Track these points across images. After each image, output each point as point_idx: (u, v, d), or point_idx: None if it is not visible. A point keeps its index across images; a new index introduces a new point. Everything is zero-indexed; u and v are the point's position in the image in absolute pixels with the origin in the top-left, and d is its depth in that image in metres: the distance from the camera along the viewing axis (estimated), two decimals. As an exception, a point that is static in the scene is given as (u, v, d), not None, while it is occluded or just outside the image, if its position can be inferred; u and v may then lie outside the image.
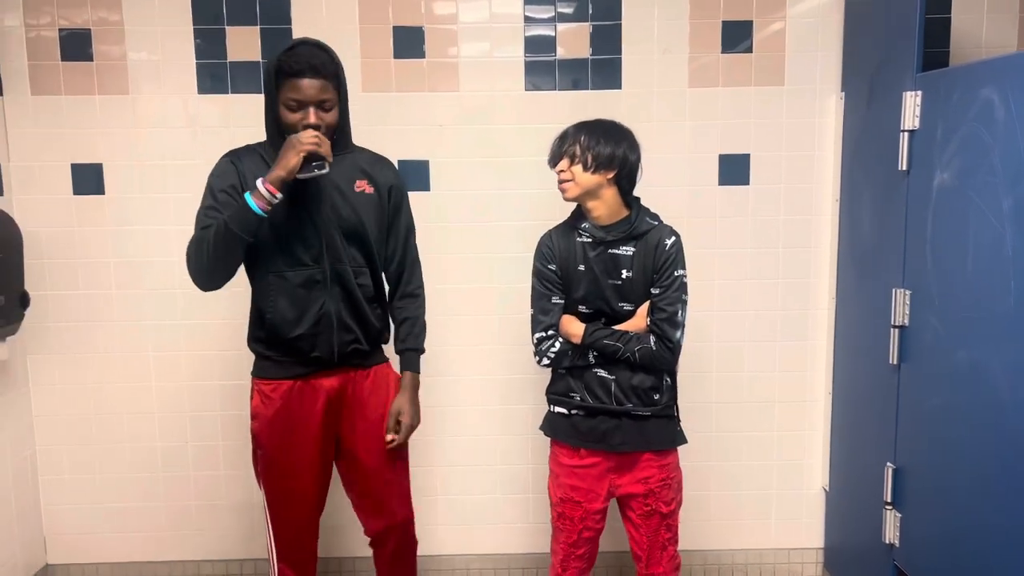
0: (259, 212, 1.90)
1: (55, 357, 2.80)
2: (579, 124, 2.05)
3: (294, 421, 2.10)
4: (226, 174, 2.03)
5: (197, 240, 1.97)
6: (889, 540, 2.36)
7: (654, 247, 2.02)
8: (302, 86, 1.94)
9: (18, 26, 2.64)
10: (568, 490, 2.14)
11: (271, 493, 2.16)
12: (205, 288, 2.04)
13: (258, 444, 2.14)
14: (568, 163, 2.01)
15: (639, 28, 2.69)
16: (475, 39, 2.70)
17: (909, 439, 2.28)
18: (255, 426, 2.13)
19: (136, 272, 2.76)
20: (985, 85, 1.90)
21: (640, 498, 2.11)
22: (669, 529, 2.15)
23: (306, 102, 1.95)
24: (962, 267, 1.99)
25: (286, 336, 2.06)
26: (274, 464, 2.13)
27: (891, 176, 2.32)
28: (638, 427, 2.06)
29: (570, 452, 2.13)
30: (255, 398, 2.13)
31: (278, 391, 2.10)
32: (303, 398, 2.11)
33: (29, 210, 2.71)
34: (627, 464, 2.10)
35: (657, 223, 2.07)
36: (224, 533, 2.91)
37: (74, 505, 2.88)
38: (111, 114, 2.69)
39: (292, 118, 1.95)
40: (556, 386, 2.15)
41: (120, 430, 2.84)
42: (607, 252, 2.04)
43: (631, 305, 2.04)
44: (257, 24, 2.66)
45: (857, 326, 2.61)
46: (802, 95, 2.72)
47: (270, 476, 2.15)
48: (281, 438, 2.11)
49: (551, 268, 2.09)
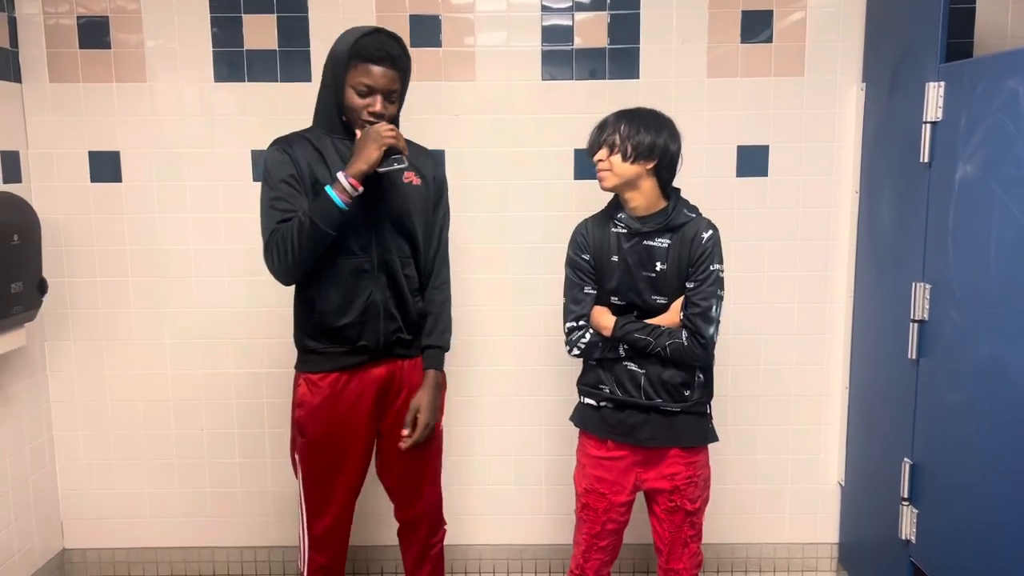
0: (342, 205, 1.89)
1: (72, 344, 2.82)
2: (619, 112, 2.02)
3: (341, 410, 2.09)
4: (282, 164, 2.00)
5: (281, 237, 1.94)
6: (905, 536, 2.34)
7: (690, 240, 1.99)
8: (377, 73, 1.95)
9: (37, 14, 2.65)
10: (594, 481, 2.12)
11: (311, 481, 2.14)
12: (287, 282, 2.05)
13: (302, 431, 2.12)
14: (607, 152, 1.98)
15: (657, 17, 2.66)
16: (492, 28, 2.68)
17: (927, 435, 2.26)
18: (300, 414, 2.11)
19: (153, 260, 2.78)
20: (1010, 76, 1.87)
21: (666, 494, 2.09)
22: (693, 526, 2.12)
23: (376, 89, 1.95)
24: (984, 261, 1.96)
25: (334, 325, 2.05)
26: (318, 452, 2.11)
27: (912, 168, 2.29)
28: (667, 423, 2.03)
29: (597, 443, 2.12)
30: (301, 387, 2.11)
31: (326, 380, 2.08)
32: (351, 387, 2.09)
33: (47, 197, 2.73)
34: (654, 459, 2.08)
35: (695, 215, 2.04)
36: (239, 520, 2.92)
37: (91, 490, 2.90)
38: (128, 102, 2.70)
39: (358, 103, 1.96)
40: (587, 377, 2.14)
41: (136, 417, 2.86)
42: (642, 243, 2.01)
43: (664, 298, 2.01)
44: (274, 12, 2.66)
45: (876, 320, 2.58)
46: (822, 86, 2.68)
47: (312, 464, 2.13)
48: (328, 426, 2.09)
49: (584, 258, 2.07)
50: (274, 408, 2.85)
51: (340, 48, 1.97)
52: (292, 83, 2.68)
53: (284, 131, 2.67)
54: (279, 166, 2.00)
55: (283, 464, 2.88)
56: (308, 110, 2.66)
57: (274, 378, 2.83)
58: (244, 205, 2.74)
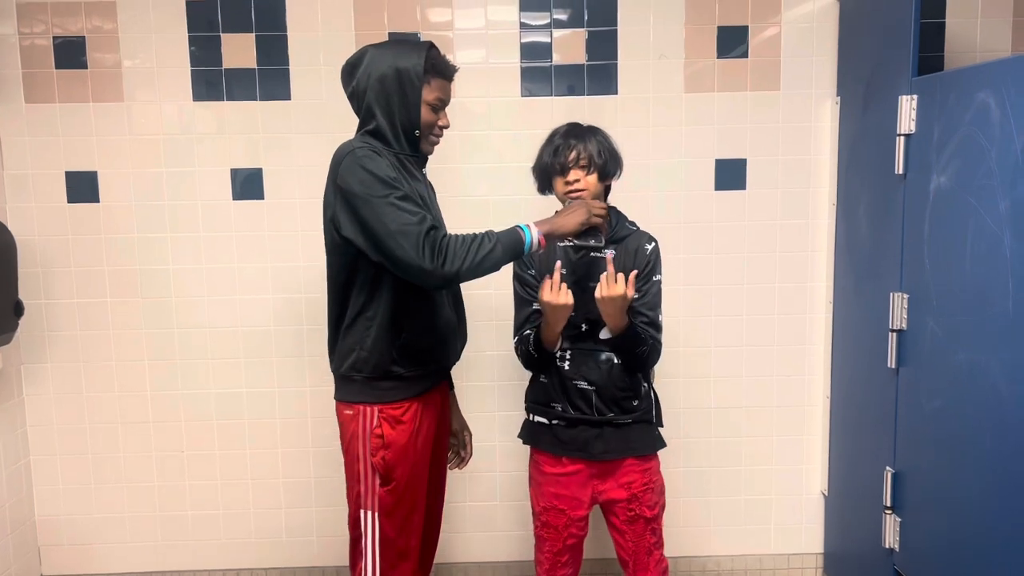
0: (527, 251, 1.85)
1: (49, 366, 2.78)
2: (570, 131, 2.04)
3: (421, 443, 1.97)
4: (383, 164, 1.81)
5: (462, 243, 1.79)
6: (889, 545, 2.35)
7: (634, 252, 2.05)
8: (448, 88, 1.96)
9: (12, 34, 2.63)
10: (551, 498, 2.12)
11: (395, 528, 1.94)
12: (444, 286, 1.91)
13: (387, 477, 1.91)
14: (583, 173, 2.00)
15: (634, 34, 2.69)
16: (471, 46, 2.70)
17: (908, 443, 2.28)
18: (388, 457, 1.90)
19: (131, 280, 2.75)
20: (981, 89, 1.91)
21: (623, 503, 2.09)
22: (654, 533, 2.13)
23: (446, 103, 1.96)
24: (960, 270, 1.99)
25: (422, 346, 1.94)
26: (408, 494, 1.94)
27: (888, 180, 2.32)
28: (620, 434, 2.06)
29: (552, 460, 2.11)
30: (382, 427, 1.90)
31: (408, 413, 1.93)
32: (425, 417, 1.98)
33: (23, 218, 2.70)
34: (610, 470, 2.09)
35: (635, 229, 2.10)
36: (220, 543, 2.88)
37: (69, 515, 2.85)
38: (106, 122, 2.68)
39: (431, 118, 1.92)
40: (536, 395, 2.13)
41: (115, 440, 2.82)
42: (589, 256, 2.05)
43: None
44: (253, 31, 2.66)
45: (855, 330, 2.60)
46: (798, 100, 2.72)
47: (401, 510, 1.93)
48: (413, 466, 1.94)
49: (531, 273, 2.10)
50: (256, 428, 2.83)
51: (410, 64, 1.87)
52: (272, 101, 2.68)
53: (264, 149, 2.70)
54: (383, 165, 1.81)
55: (265, 485, 2.86)
56: (288, 128, 2.69)
57: (254, 398, 2.81)
58: (224, 224, 2.73)
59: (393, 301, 1.88)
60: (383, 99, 1.88)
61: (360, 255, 1.85)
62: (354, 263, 1.87)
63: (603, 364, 2.04)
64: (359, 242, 1.81)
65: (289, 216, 2.74)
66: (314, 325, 2.77)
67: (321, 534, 2.89)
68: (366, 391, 1.92)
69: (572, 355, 2.05)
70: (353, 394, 1.93)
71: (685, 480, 2.87)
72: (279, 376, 2.81)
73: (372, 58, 1.89)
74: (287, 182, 2.72)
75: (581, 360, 2.05)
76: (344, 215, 1.82)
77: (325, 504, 2.86)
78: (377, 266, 1.84)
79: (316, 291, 2.75)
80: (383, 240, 1.76)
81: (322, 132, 2.68)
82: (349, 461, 1.96)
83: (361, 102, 1.91)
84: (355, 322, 1.91)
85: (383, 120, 1.88)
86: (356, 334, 1.90)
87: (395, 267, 1.79)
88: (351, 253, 1.86)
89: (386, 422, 1.90)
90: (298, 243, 2.74)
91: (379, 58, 1.88)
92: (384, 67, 1.87)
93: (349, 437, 1.95)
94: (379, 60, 1.88)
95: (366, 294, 1.89)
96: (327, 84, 2.67)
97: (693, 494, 2.89)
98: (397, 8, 2.66)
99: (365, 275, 1.88)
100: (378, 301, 1.88)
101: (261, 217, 2.74)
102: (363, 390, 1.92)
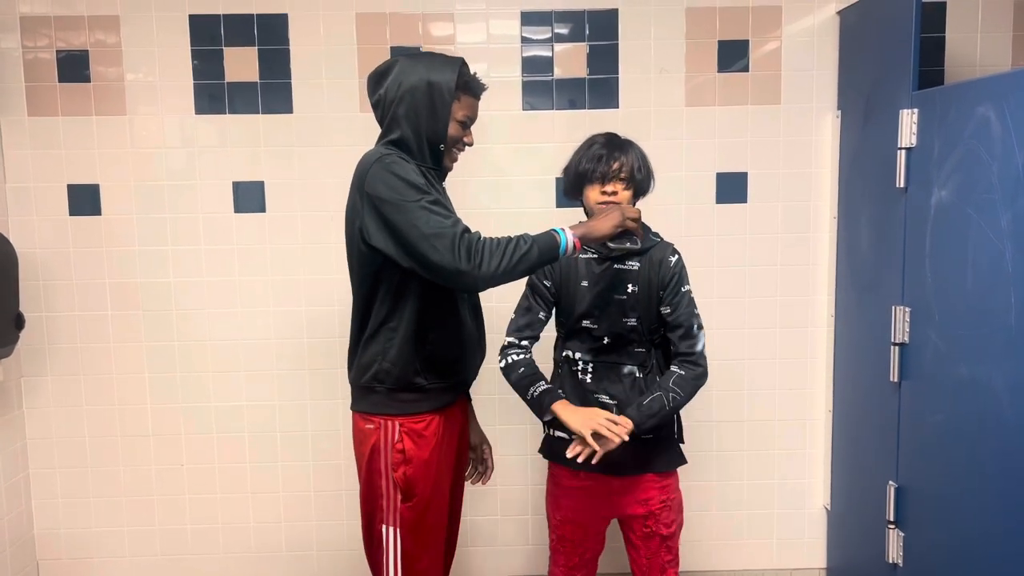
0: (562, 254, 1.81)
1: (49, 379, 2.78)
2: (611, 140, 2.00)
3: (443, 457, 1.95)
4: (412, 170, 1.80)
5: (496, 246, 1.76)
6: (892, 560, 2.34)
7: (659, 263, 2.01)
8: (477, 107, 1.94)
9: (15, 48, 2.65)
10: (569, 512, 2.11)
11: (418, 545, 1.91)
12: (482, 289, 1.85)
13: (408, 493, 1.88)
14: (622, 186, 1.97)
15: (636, 48, 2.70)
16: (473, 60, 2.65)
17: (911, 457, 2.27)
18: (409, 473, 1.87)
19: (132, 293, 2.75)
20: (981, 103, 1.91)
21: (640, 519, 2.08)
22: (670, 551, 2.11)
23: (473, 121, 1.95)
24: (962, 283, 1.99)
25: (448, 357, 1.93)
26: (430, 510, 1.92)
27: (889, 193, 2.32)
28: (640, 450, 2.01)
29: (570, 474, 2.09)
30: (404, 441, 1.87)
31: (430, 427, 1.90)
32: (447, 430, 1.96)
33: (25, 231, 2.70)
34: (628, 486, 2.07)
35: (659, 240, 2.07)
36: (220, 557, 2.87)
37: (68, 529, 2.84)
38: (108, 135, 2.69)
39: (458, 134, 1.90)
40: None
41: (115, 453, 2.81)
42: (613, 267, 2.02)
43: (634, 319, 2.01)
44: (255, 45, 2.67)
45: (857, 344, 2.60)
46: (798, 113, 2.73)
47: (425, 526, 1.91)
48: (436, 482, 1.92)
49: (545, 284, 2.08)
50: (256, 442, 2.82)
51: (443, 79, 1.84)
52: (274, 115, 2.69)
53: (266, 163, 2.71)
54: (411, 171, 1.79)
55: (265, 499, 2.84)
56: (290, 141, 2.70)
57: (255, 411, 2.80)
58: (225, 237, 2.73)
59: (417, 312, 1.85)
60: (412, 111, 1.84)
61: (384, 265, 1.81)
62: (378, 273, 1.84)
63: (626, 378, 2.02)
64: (389, 249, 1.77)
65: (290, 229, 2.74)
66: (315, 338, 2.77)
67: (321, 548, 2.87)
68: (387, 402, 1.88)
69: (594, 368, 2.03)
70: (374, 405, 1.90)
71: (687, 494, 2.82)
72: (280, 389, 2.80)
73: (403, 68, 1.85)
74: (289, 195, 2.73)
75: (603, 374, 2.03)
76: (373, 223, 1.78)
77: (325, 518, 2.84)
78: (401, 276, 1.82)
79: (317, 304, 2.76)
80: (416, 244, 1.72)
81: (324, 145, 2.68)
82: (369, 475, 1.92)
83: (387, 112, 1.87)
84: (377, 333, 1.87)
85: (408, 131, 1.85)
86: (378, 345, 1.87)
87: (429, 271, 1.75)
88: (376, 263, 1.82)
89: (407, 436, 1.87)
90: (299, 256, 2.74)
91: (411, 69, 1.85)
92: (416, 79, 1.83)
93: (370, 451, 1.90)
94: (411, 71, 1.85)
95: (389, 304, 1.86)
96: (329, 97, 2.67)
97: (695, 508, 2.87)
98: (399, 22, 2.67)
99: (388, 285, 1.84)
100: (401, 311, 1.85)
101: (262, 230, 2.74)
102: (384, 401, 1.88)
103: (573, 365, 2.06)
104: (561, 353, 2.10)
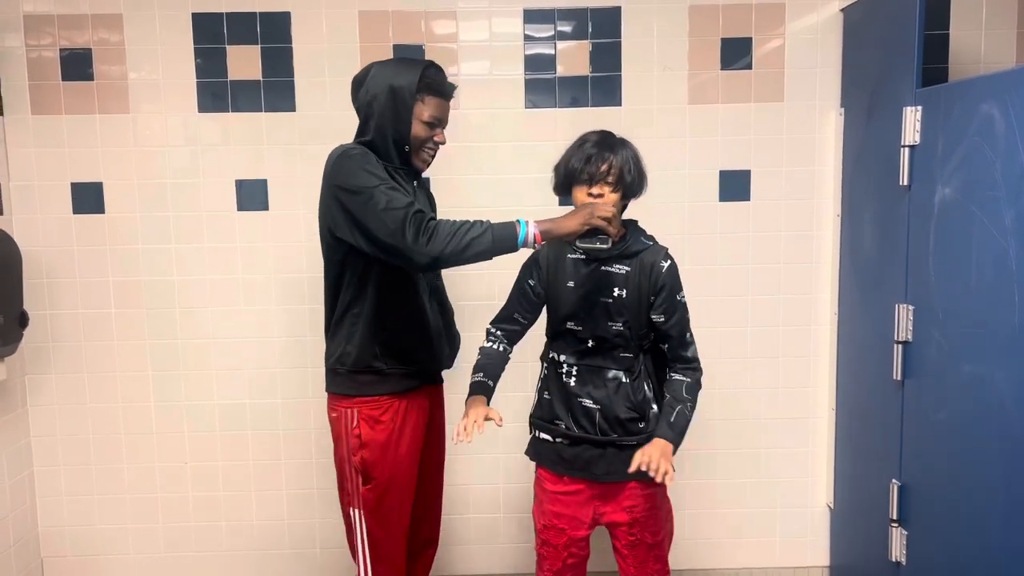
0: (519, 246, 1.83)
1: (54, 377, 2.78)
2: (603, 140, 1.94)
3: (404, 443, 2.03)
4: (373, 159, 1.91)
5: (454, 228, 1.79)
6: (896, 558, 2.33)
7: (649, 268, 1.96)
8: (445, 107, 2.02)
9: (19, 47, 2.65)
10: (552, 517, 2.06)
11: (381, 527, 2.03)
12: (430, 269, 1.99)
13: (370, 475, 2.00)
14: (609, 189, 1.91)
15: (638, 46, 2.70)
16: (475, 58, 2.70)
17: (914, 455, 2.26)
18: (366, 456, 1.99)
19: (136, 291, 2.75)
20: (985, 100, 1.90)
21: (625, 527, 2.03)
22: (658, 560, 2.07)
23: (442, 121, 2.01)
24: (965, 281, 1.98)
25: (404, 344, 2.02)
26: (390, 493, 2.02)
27: (892, 191, 2.32)
28: (623, 456, 1.94)
29: (554, 478, 2.06)
30: (360, 427, 1.99)
31: (388, 412, 2.01)
32: (408, 416, 2.04)
33: (29, 229, 2.71)
34: (612, 492, 2.02)
35: (652, 243, 2.01)
36: (223, 554, 2.88)
37: (72, 527, 2.85)
38: (111, 133, 2.70)
39: (423, 134, 1.98)
40: (541, 411, 2.08)
41: (119, 451, 2.82)
42: (600, 269, 1.97)
43: (619, 324, 1.96)
44: (258, 43, 2.67)
45: (860, 342, 2.59)
46: (802, 111, 2.72)
47: (384, 508, 2.02)
48: (394, 465, 2.01)
49: (530, 283, 2.07)
50: (259, 440, 2.82)
51: (404, 82, 1.94)
52: (276, 113, 2.69)
53: (269, 161, 2.71)
54: (372, 161, 1.90)
55: (268, 496, 2.85)
56: (292, 139, 2.70)
57: (257, 409, 2.81)
58: (228, 235, 2.74)
59: (377, 298, 1.97)
60: (379, 115, 1.96)
61: (349, 253, 1.93)
62: (343, 261, 1.96)
63: (610, 382, 1.98)
64: (348, 236, 1.88)
65: (293, 227, 2.74)
66: (318, 336, 2.74)
67: (324, 546, 2.88)
68: (347, 383, 2.01)
69: (579, 371, 2.00)
70: (337, 386, 2.04)
71: (690, 493, 2.86)
72: (282, 387, 2.81)
73: (374, 75, 1.98)
74: (291, 193, 2.73)
75: (588, 377, 1.99)
76: (335, 210, 1.89)
77: (328, 516, 2.85)
78: (365, 263, 1.93)
79: (320, 302, 2.74)
80: (369, 222, 1.81)
81: (327, 143, 2.63)
82: (339, 462, 2.06)
83: (360, 116, 2.02)
84: (343, 319, 2.01)
85: (375, 134, 1.97)
86: (344, 330, 2.01)
87: (375, 245, 1.83)
88: (342, 250, 1.94)
89: (364, 422, 1.99)
90: (302, 254, 2.74)
91: (379, 75, 1.98)
92: (380, 84, 1.96)
93: (335, 439, 2.05)
94: (378, 77, 1.97)
95: (353, 291, 1.98)
96: (332, 96, 2.68)
97: (698, 507, 2.88)
98: (402, 21, 2.67)
99: (353, 273, 1.97)
100: (364, 298, 1.98)
101: (265, 228, 2.74)
102: (344, 382, 2.02)
103: (558, 367, 2.03)
104: (548, 354, 2.07)
